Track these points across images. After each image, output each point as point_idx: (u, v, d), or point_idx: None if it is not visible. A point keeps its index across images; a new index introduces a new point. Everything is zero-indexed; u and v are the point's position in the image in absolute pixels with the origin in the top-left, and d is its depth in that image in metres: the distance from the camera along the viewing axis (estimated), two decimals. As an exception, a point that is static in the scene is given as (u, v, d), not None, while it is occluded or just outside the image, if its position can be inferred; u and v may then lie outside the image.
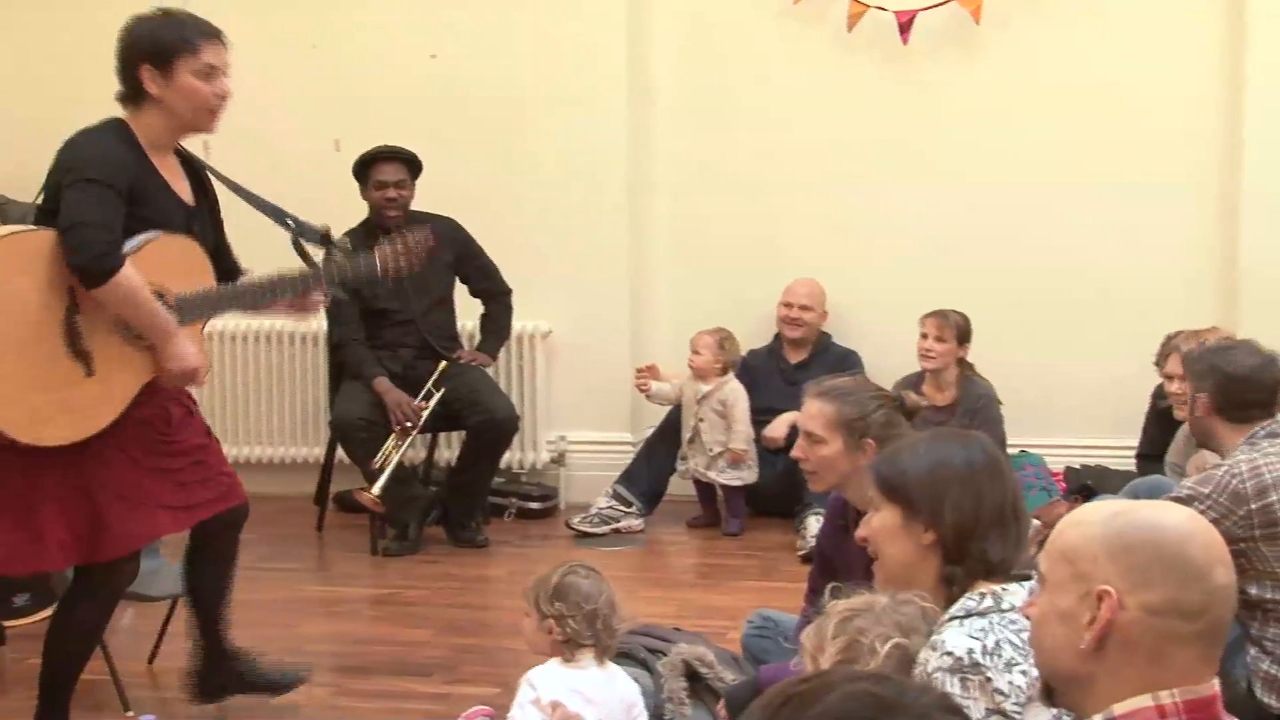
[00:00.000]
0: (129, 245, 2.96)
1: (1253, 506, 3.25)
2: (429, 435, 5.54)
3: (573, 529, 5.39)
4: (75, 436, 2.94)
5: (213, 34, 3.07)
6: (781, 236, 5.79)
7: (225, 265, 3.28)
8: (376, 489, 4.87)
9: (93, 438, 2.96)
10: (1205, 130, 5.37)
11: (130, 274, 2.92)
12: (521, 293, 5.54)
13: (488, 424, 5.20)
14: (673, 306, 5.91)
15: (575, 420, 5.92)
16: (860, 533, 2.44)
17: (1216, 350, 3.51)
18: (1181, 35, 5.41)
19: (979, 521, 2.25)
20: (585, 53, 5.76)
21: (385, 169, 5.20)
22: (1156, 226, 5.42)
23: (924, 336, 5.27)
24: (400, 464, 5.03)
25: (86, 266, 2.89)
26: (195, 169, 3.23)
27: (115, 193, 2.92)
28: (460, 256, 5.37)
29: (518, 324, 5.70)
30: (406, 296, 5.21)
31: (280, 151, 5.55)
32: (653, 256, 5.94)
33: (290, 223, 3.29)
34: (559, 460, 5.93)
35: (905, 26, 5.57)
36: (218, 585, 3.35)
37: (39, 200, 3.06)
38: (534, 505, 5.72)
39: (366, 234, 4.83)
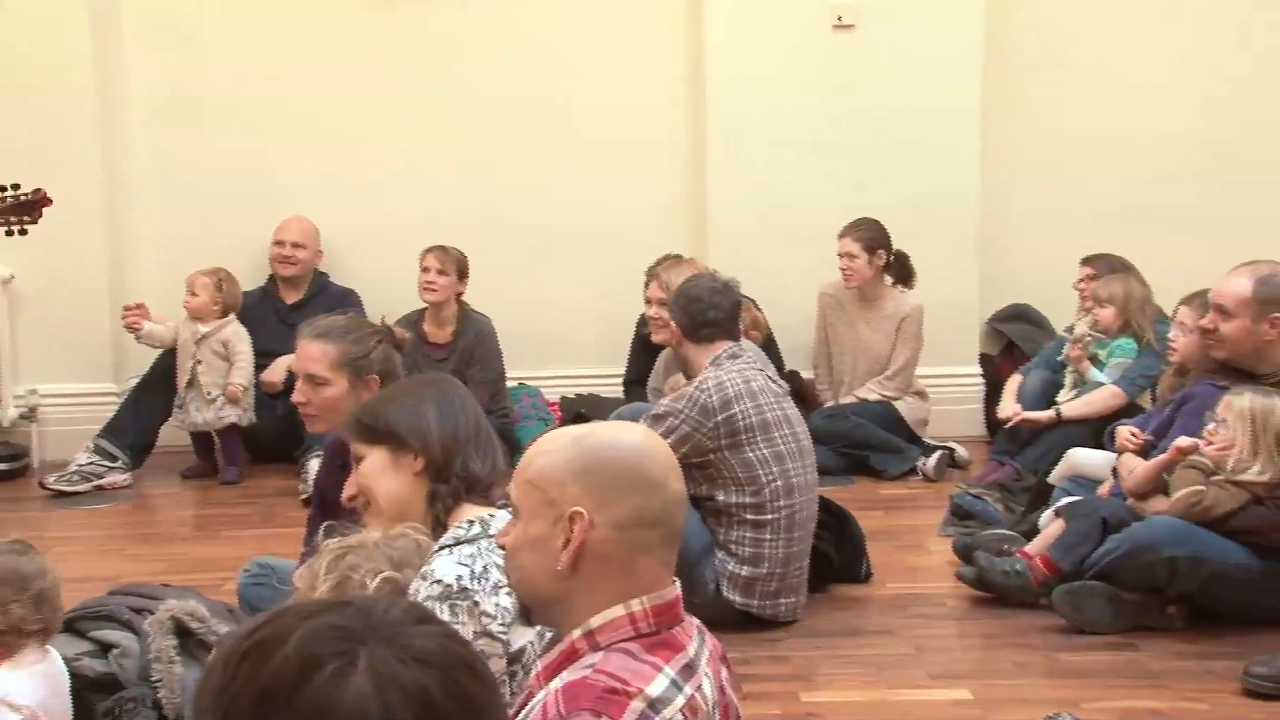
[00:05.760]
0: None
1: (719, 418, 3.58)
2: None
3: (48, 489, 5.02)
4: None
5: None
6: (272, 174, 5.59)
7: None
8: None
9: None
10: (676, 81, 5.68)
11: None
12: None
13: (-60, 380, 4.67)
14: (158, 247, 5.60)
15: (48, 372, 5.48)
16: (347, 493, 2.53)
17: (683, 281, 3.82)
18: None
19: (458, 438, 2.42)
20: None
21: None
22: (637, 166, 5.71)
23: (425, 270, 5.28)
24: None
25: None
26: None
27: None
28: None
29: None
30: None
31: None
32: (131, 193, 5.58)
33: None
34: (30, 416, 5.47)
35: (392, -40, 5.51)
36: None
37: None
38: (1, 466, 5.27)
39: None
